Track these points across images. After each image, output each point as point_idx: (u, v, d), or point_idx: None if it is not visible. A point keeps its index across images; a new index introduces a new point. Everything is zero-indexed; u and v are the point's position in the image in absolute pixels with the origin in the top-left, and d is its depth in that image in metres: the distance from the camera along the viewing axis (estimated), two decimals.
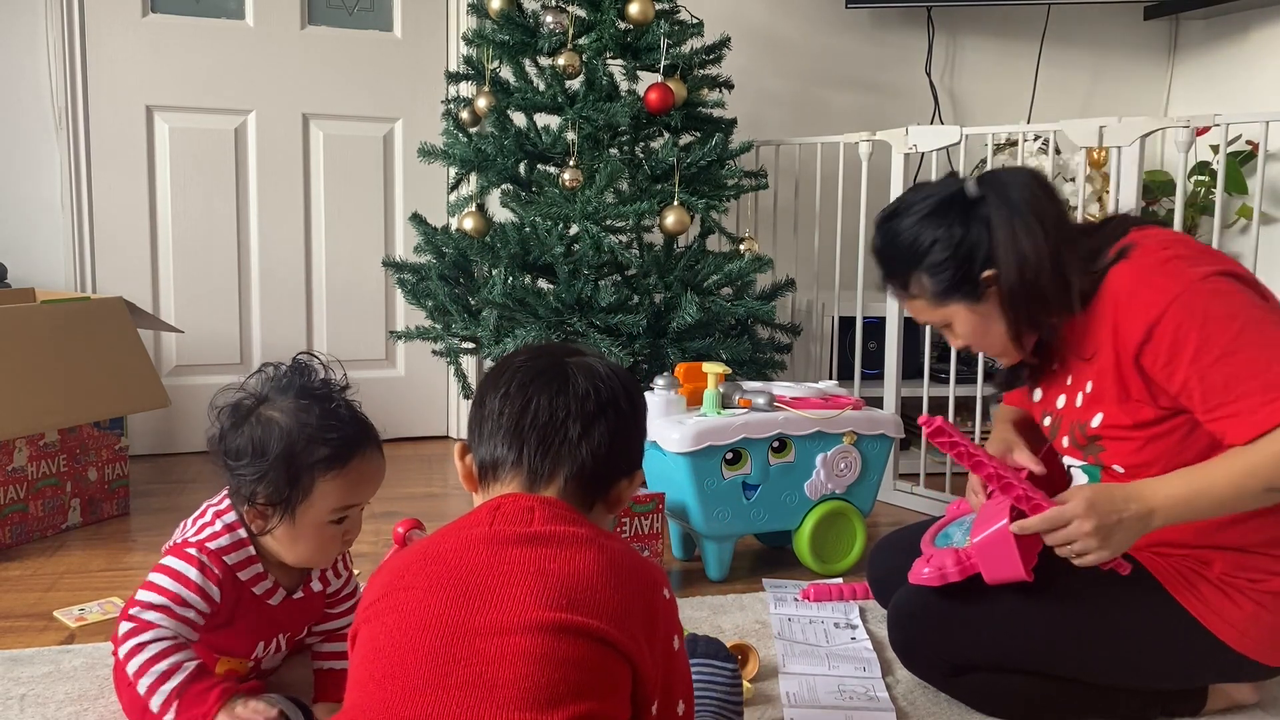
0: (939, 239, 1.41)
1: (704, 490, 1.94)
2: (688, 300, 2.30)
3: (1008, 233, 1.38)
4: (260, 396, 1.30)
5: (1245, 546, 1.36)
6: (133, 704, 1.34)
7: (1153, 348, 1.31)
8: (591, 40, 2.39)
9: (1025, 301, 1.39)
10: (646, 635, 0.94)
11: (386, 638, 0.92)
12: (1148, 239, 1.39)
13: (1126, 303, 1.34)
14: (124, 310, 2.37)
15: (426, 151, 2.45)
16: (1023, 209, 1.38)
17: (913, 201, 1.45)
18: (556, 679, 0.87)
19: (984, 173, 1.45)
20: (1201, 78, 3.39)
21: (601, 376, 1.05)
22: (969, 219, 1.40)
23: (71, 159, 2.76)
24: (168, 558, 1.29)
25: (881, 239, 1.48)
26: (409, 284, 2.58)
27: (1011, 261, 1.37)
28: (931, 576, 1.42)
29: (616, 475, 1.06)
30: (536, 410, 1.02)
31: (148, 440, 2.89)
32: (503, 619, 0.89)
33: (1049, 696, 1.44)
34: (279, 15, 2.91)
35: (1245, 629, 1.36)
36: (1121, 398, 1.38)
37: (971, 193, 1.41)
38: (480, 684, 0.86)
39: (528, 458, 1.02)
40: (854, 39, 3.29)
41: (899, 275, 1.47)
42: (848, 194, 2.65)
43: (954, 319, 1.46)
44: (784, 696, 1.51)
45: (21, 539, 2.15)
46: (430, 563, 0.96)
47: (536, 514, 0.98)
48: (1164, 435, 1.36)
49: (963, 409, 2.82)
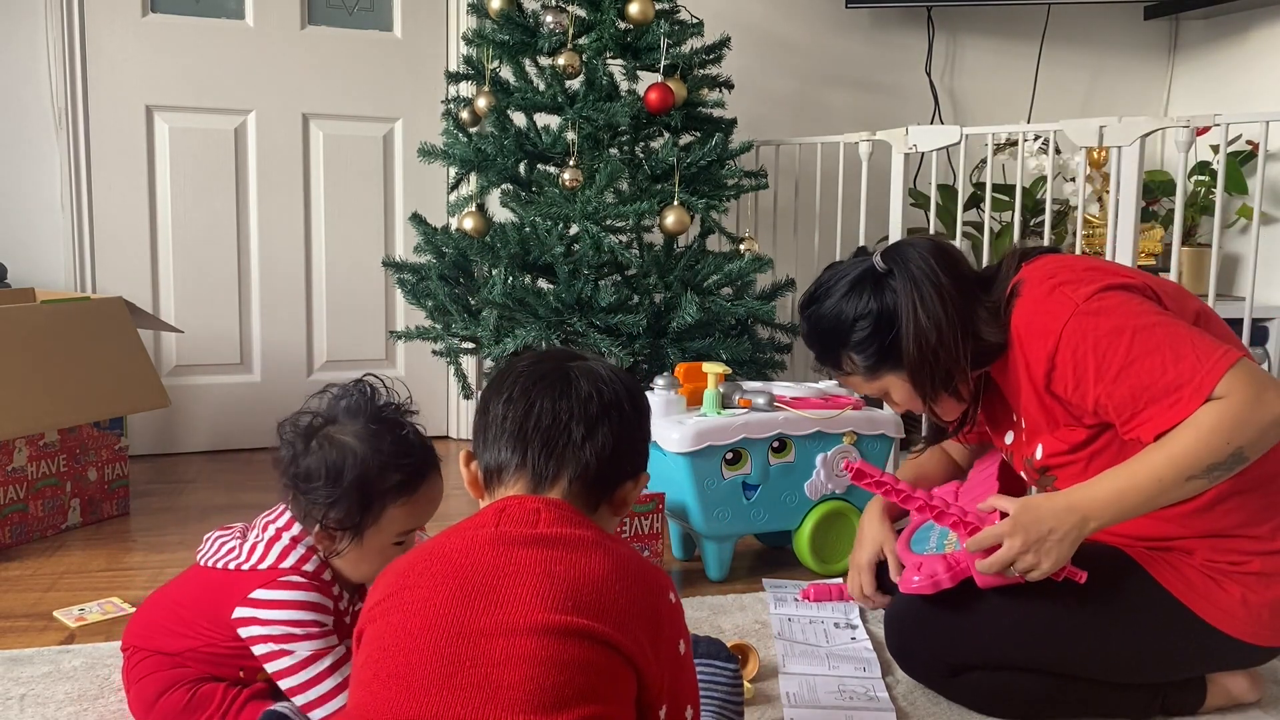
0: (859, 316, 1.47)
1: (704, 490, 1.94)
2: (688, 300, 2.30)
3: (907, 305, 1.44)
4: (328, 417, 1.31)
5: (1222, 531, 1.38)
6: (140, 702, 1.34)
7: (1059, 375, 1.37)
8: (591, 40, 2.39)
9: (927, 369, 1.45)
10: (651, 640, 0.94)
11: (391, 637, 0.92)
12: (1034, 272, 1.44)
13: (1025, 339, 1.41)
14: (124, 310, 2.37)
15: (426, 151, 2.45)
16: (920, 281, 1.44)
17: (830, 284, 1.51)
18: (562, 682, 0.87)
19: (888, 246, 1.51)
20: (1201, 78, 3.39)
21: (604, 380, 1.06)
22: (882, 292, 1.46)
23: (71, 159, 2.76)
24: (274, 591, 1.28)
25: (808, 325, 1.54)
26: (409, 284, 2.58)
27: (910, 334, 1.44)
28: (924, 585, 1.43)
29: (621, 477, 1.06)
30: (540, 413, 1.03)
31: (148, 440, 2.89)
32: (509, 620, 0.89)
33: (1047, 694, 1.45)
34: (279, 15, 2.91)
35: (1235, 612, 1.38)
36: (1051, 426, 1.44)
37: (880, 268, 1.47)
38: (486, 685, 0.86)
39: (532, 460, 1.02)
40: (854, 39, 3.29)
41: (831, 355, 1.53)
42: (848, 194, 2.65)
43: (890, 389, 1.53)
44: (784, 696, 1.51)
45: (21, 539, 2.15)
46: (436, 562, 0.96)
47: (543, 516, 0.98)
48: (1102, 450, 1.40)
49: None
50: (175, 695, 1.31)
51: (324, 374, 3.07)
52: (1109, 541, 1.44)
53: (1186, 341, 1.30)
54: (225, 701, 1.30)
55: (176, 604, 1.36)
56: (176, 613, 1.35)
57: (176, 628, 1.34)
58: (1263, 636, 1.40)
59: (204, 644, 1.33)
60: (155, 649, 1.35)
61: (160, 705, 1.32)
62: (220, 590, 1.31)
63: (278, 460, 1.32)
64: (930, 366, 1.45)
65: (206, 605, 1.32)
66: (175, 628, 1.34)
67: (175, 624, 1.34)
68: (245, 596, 1.29)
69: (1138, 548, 1.43)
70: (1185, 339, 1.30)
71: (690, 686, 1.02)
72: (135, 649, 1.38)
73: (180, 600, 1.36)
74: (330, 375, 3.06)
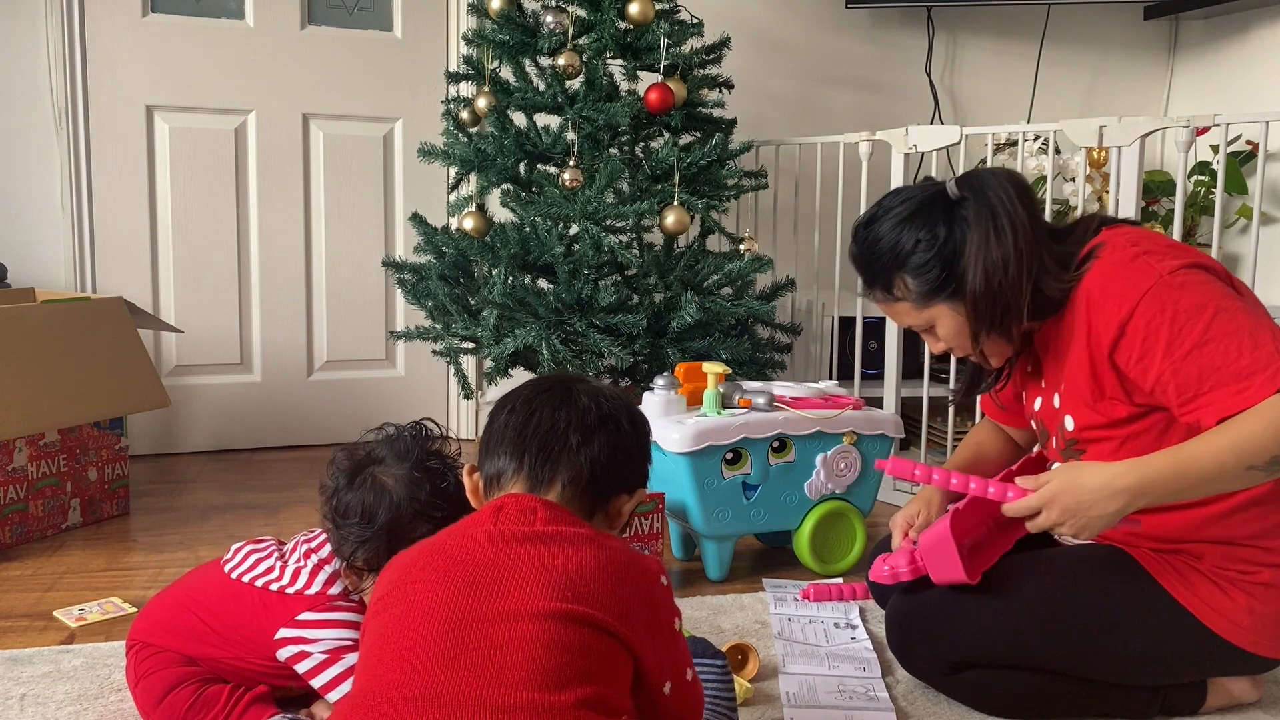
0: (922, 239, 1.41)
1: (704, 490, 1.94)
2: (688, 300, 2.30)
3: (980, 236, 1.38)
4: (377, 457, 1.33)
5: (1234, 539, 1.38)
6: (145, 700, 1.34)
7: (1126, 344, 1.33)
8: (591, 40, 2.39)
9: (988, 307, 1.40)
10: (649, 626, 0.98)
11: (395, 625, 0.94)
12: (1116, 237, 1.40)
13: (1099, 301, 1.36)
14: (124, 310, 2.37)
15: (426, 151, 2.45)
16: (997, 212, 1.38)
17: (891, 205, 1.46)
18: (564, 663, 0.89)
19: (965, 174, 1.46)
20: (1201, 78, 3.39)
21: (604, 396, 1.11)
22: (951, 220, 1.41)
23: (71, 159, 2.76)
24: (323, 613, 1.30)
25: (862, 244, 1.48)
26: (409, 284, 2.58)
27: (979, 265, 1.38)
28: (886, 576, 1.46)
29: (615, 489, 1.09)
30: (539, 421, 1.07)
31: (148, 440, 2.89)
32: (510, 607, 0.92)
33: (1047, 693, 1.45)
34: (279, 15, 2.91)
35: (1239, 621, 1.37)
36: (1095, 398, 1.40)
37: (953, 193, 1.42)
38: (489, 666, 0.89)
39: (528, 464, 1.06)
40: (854, 39, 3.29)
41: (882, 278, 1.47)
42: (848, 194, 2.65)
43: (938, 320, 1.46)
44: (784, 696, 1.51)
45: (21, 539, 2.15)
46: (436, 557, 0.98)
47: (539, 514, 1.01)
48: (1140, 434, 1.38)
49: (962, 409, 2.82)
50: (182, 693, 1.31)
51: (324, 374, 3.07)
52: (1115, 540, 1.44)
53: (1266, 330, 1.27)
54: (229, 703, 1.31)
55: (206, 612, 1.35)
56: (205, 621, 1.35)
57: (204, 635, 1.34)
58: (1264, 647, 1.39)
59: (230, 657, 1.33)
60: (167, 647, 1.36)
61: (166, 703, 1.32)
62: (261, 609, 1.32)
63: (323, 488, 1.34)
64: (993, 302, 1.39)
65: (243, 622, 1.33)
66: (202, 635, 1.34)
67: (202, 631, 1.34)
68: (292, 618, 1.30)
69: (1144, 548, 1.43)
70: (1265, 327, 1.27)
71: (685, 656, 1.06)
72: (143, 645, 1.38)
73: (210, 609, 1.35)
74: (330, 375, 3.07)
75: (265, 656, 1.31)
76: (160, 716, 1.32)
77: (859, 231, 1.49)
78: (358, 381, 3.09)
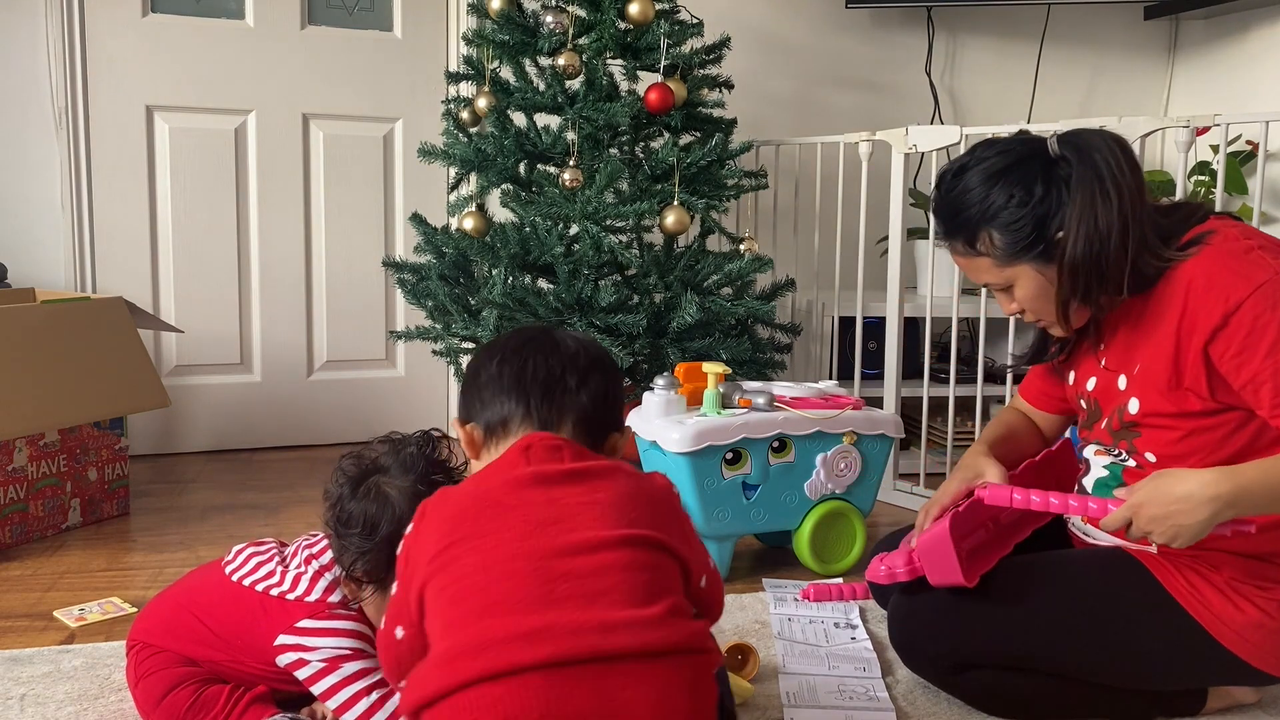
0: (1016, 195, 1.35)
1: (704, 490, 1.94)
2: (688, 300, 2.30)
3: (1085, 198, 1.32)
4: (382, 467, 1.33)
5: (1257, 554, 1.36)
6: (145, 700, 1.35)
7: (1226, 335, 1.28)
8: (591, 40, 2.39)
9: (1085, 274, 1.33)
10: (683, 534, 1.06)
11: (474, 577, 0.96)
12: (1228, 228, 1.35)
13: (1202, 289, 1.30)
14: (124, 310, 2.37)
15: (426, 151, 2.45)
16: (1103, 176, 1.32)
17: (985, 156, 1.39)
18: (647, 580, 0.97)
19: (1066, 132, 1.39)
20: (1201, 78, 3.39)
21: (586, 341, 1.17)
22: (1050, 178, 1.34)
23: (71, 159, 2.76)
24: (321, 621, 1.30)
25: (947, 193, 1.41)
26: (409, 284, 2.58)
27: (1080, 231, 1.32)
28: (883, 575, 1.45)
29: (610, 427, 1.15)
30: (535, 368, 1.12)
31: (148, 440, 2.89)
32: (584, 539, 0.97)
33: (1049, 695, 1.44)
34: (279, 15, 2.91)
35: (1246, 634, 1.35)
36: (1171, 386, 1.35)
37: (1054, 151, 1.36)
38: (586, 594, 0.94)
39: (535, 408, 1.10)
40: (854, 39, 3.29)
41: (966, 229, 1.40)
42: (848, 194, 2.65)
43: (1018, 280, 1.40)
44: (784, 696, 1.51)
45: (21, 539, 2.15)
46: (487, 508, 1.01)
47: (565, 451, 1.06)
48: (1207, 430, 1.34)
49: (963, 409, 2.82)
50: (181, 694, 1.31)
51: (324, 374, 3.07)
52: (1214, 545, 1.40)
53: None
54: (229, 704, 1.31)
55: (206, 614, 1.35)
56: (205, 623, 1.35)
57: (204, 637, 1.34)
58: (1270, 664, 1.37)
59: (229, 659, 1.33)
60: (167, 648, 1.36)
61: (166, 703, 1.32)
62: (261, 614, 1.32)
63: (327, 493, 1.33)
64: (1090, 270, 1.33)
65: (243, 627, 1.33)
66: (202, 636, 1.34)
67: (201, 633, 1.34)
68: (291, 625, 1.30)
69: (1156, 556, 1.40)
70: None
71: (705, 551, 1.11)
72: (143, 645, 1.38)
73: (210, 612, 1.35)
74: (330, 375, 3.07)
75: (265, 661, 1.31)
76: (160, 717, 1.32)
77: (945, 179, 1.42)
78: (358, 381, 3.09)
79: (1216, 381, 1.32)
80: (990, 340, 2.94)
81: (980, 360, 2.48)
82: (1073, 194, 1.33)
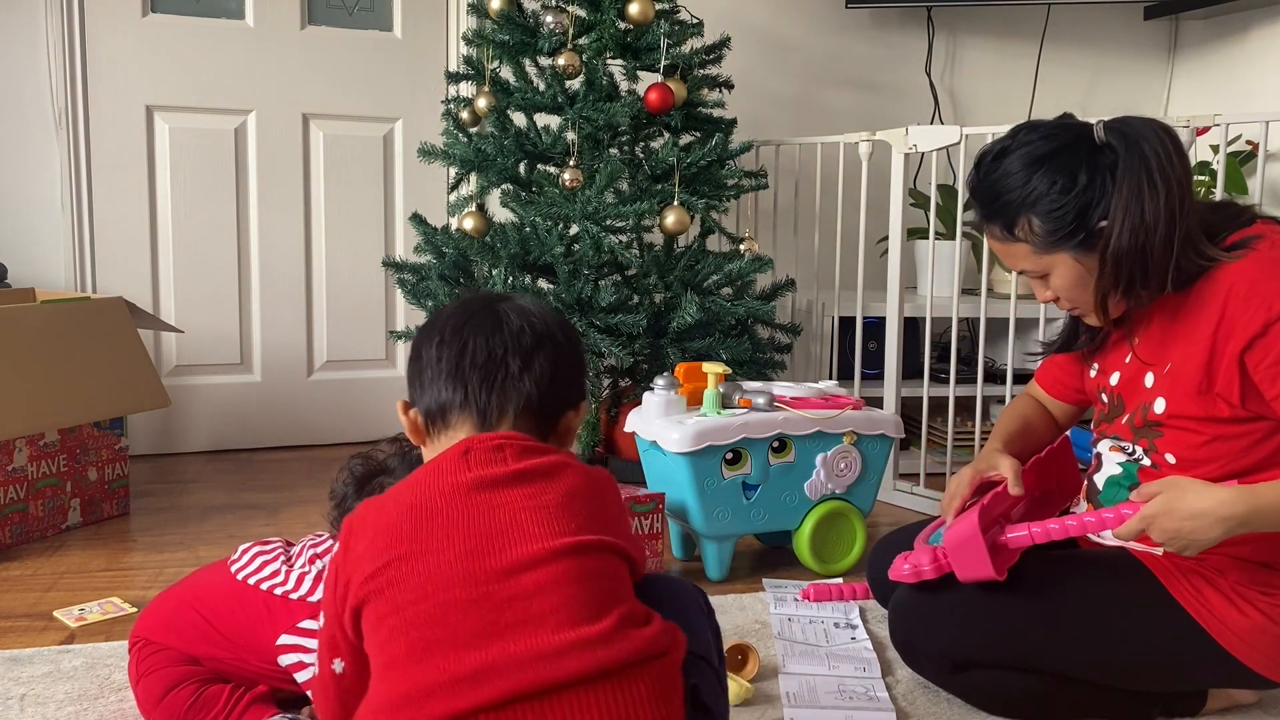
0: (1059, 181, 1.31)
1: (704, 490, 1.94)
2: (688, 300, 2.30)
3: (1131, 188, 1.28)
4: (388, 468, 1.33)
5: (1265, 561, 1.35)
6: (146, 698, 1.35)
7: (1265, 344, 1.26)
8: (591, 40, 2.39)
9: (1129, 266, 1.30)
10: (626, 529, 1.03)
11: (414, 610, 0.90)
12: (1277, 234, 1.33)
13: (1245, 294, 1.28)
14: (124, 310, 2.37)
15: (426, 151, 2.45)
16: (1151, 166, 1.29)
17: (1028, 139, 1.36)
18: (593, 591, 0.92)
19: (1113, 119, 1.35)
20: (1201, 78, 3.39)
21: (534, 314, 1.08)
22: (1095, 166, 1.31)
23: (71, 159, 2.76)
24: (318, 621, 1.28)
25: (986, 176, 1.38)
26: (409, 284, 2.58)
27: (1126, 222, 1.29)
28: (908, 574, 1.43)
29: (562, 407, 1.08)
30: (474, 350, 1.04)
31: (148, 440, 2.89)
32: (525, 554, 0.92)
33: (1050, 695, 1.44)
34: (279, 15, 2.91)
35: (1248, 638, 1.35)
36: (1201, 389, 1.33)
37: (1099, 138, 1.33)
38: (530, 618, 0.89)
39: (474, 397, 1.03)
40: (854, 39, 3.29)
41: (1005, 214, 1.36)
42: (848, 194, 2.65)
43: (1055, 269, 1.37)
44: (784, 696, 1.51)
45: (21, 539, 2.15)
46: (426, 521, 0.95)
47: (507, 450, 1.00)
48: (1232, 438, 1.32)
49: (963, 409, 2.82)
50: (182, 692, 1.32)
51: (324, 374, 3.07)
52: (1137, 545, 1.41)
53: None
54: (230, 703, 1.31)
55: (210, 612, 1.35)
56: (209, 620, 1.35)
57: (207, 634, 1.34)
58: (1272, 669, 1.37)
59: (232, 657, 1.34)
60: (169, 645, 1.36)
61: (167, 701, 1.32)
62: (265, 614, 1.32)
63: (333, 493, 1.33)
64: (1134, 262, 1.30)
65: (246, 625, 1.33)
66: (205, 634, 1.34)
67: (205, 630, 1.35)
68: (293, 625, 1.30)
69: (1161, 559, 1.40)
70: None
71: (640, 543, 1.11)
72: (145, 642, 1.38)
73: (215, 610, 1.35)
74: (330, 375, 3.07)
75: (267, 660, 1.31)
76: (161, 715, 1.32)
77: (985, 161, 1.39)
78: (358, 381, 3.09)
79: (1249, 390, 1.30)
80: (990, 340, 2.94)
81: (980, 360, 2.48)
82: (1118, 183, 1.30)
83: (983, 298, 2.49)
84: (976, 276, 3.18)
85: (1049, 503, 1.57)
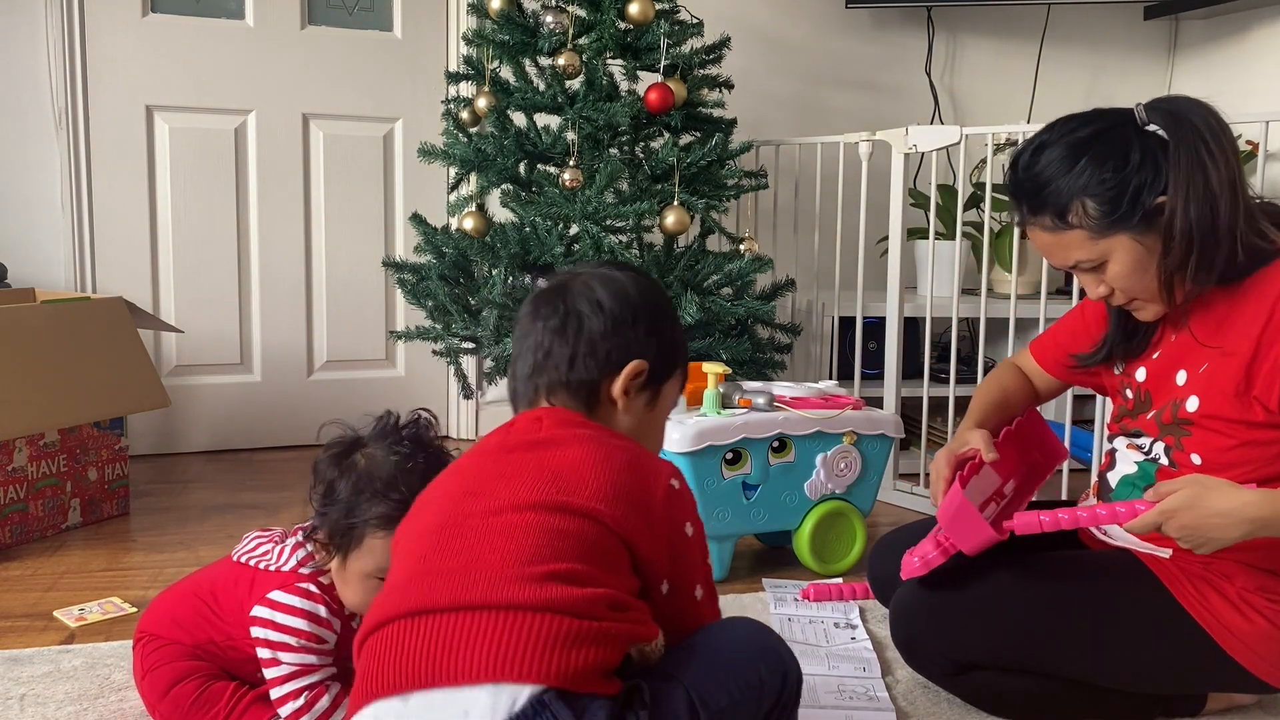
0: (1111, 160, 1.27)
1: (704, 490, 1.94)
2: (688, 300, 2.30)
3: (1190, 161, 1.24)
4: (364, 438, 1.34)
5: (1272, 569, 1.34)
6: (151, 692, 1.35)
7: None
8: (591, 40, 2.39)
9: (1199, 236, 1.25)
10: (645, 520, 1.02)
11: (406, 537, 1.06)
12: None
13: None
14: (124, 310, 2.37)
15: (426, 151, 2.45)
16: (1206, 138, 1.25)
17: (1068, 129, 1.32)
18: (541, 544, 0.96)
19: (1153, 100, 1.32)
20: (1201, 78, 3.39)
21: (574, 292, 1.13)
22: (1145, 145, 1.27)
23: (71, 159, 2.76)
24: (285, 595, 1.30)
25: (1027, 169, 1.33)
26: (409, 284, 2.58)
27: (1190, 194, 1.24)
28: (918, 567, 1.42)
29: (597, 378, 1.11)
30: (522, 347, 1.15)
31: (148, 440, 2.89)
32: (492, 505, 1.00)
33: (1051, 696, 1.44)
34: (279, 15, 2.91)
35: (1254, 645, 1.34)
36: (1238, 392, 1.29)
37: (1141, 119, 1.29)
38: (471, 554, 0.97)
39: (520, 384, 1.14)
40: (854, 39, 3.29)
41: (1056, 203, 1.31)
42: (848, 194, 2.65)
43: (1113, 253, 1.31)
44: None
45: (21, 539, 2.15)
46: (450, 475, 1.10)
47: (544, 422, 1.09)
48: (1263, 444, 1.30)
49: (963, 409, 2.81)
50: (186, 687, 1.32)
51: (324, 374, 3.07)
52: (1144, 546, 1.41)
53: None
54: (232, 701, 1.31)
55: (209, 595, 1.36)
56: (207, 603, 1.35)
57: (206, 617, 1.35)
58: (1277, 676, 1.36)
59: (223, 638, 1.34)
60: (173, 639, 1.36)
61: (171, 696, 1.32)
62: (247, 585, 1.33)
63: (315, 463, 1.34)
64: (1204, 232, 1.25)
65: (234, 600, 1.33)
66: (204, 617, 1.35)
67: (204, 613, 1.35)
68: (264, 596, 1.30)
69: (1166, 563, 1.39)
70: None
71: (699, 568, 1.09)
72: (150, 637, 1.38)
73: (214, 592, 1.36)
74: (330, 375, 3.07)
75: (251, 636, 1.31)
76: (166, 708, 1.33)
77: (1023, 157, 1.35)
78: (358, 381, 3.09)
79: None
80: (990, 340, 2.94)
81: (980, 360, 2.48)
82: (1173, 158, 1.25)
83: (983, 298, 2.49)
84: (976, 276, 3.18)
85: (1037, 473, 1.57)
